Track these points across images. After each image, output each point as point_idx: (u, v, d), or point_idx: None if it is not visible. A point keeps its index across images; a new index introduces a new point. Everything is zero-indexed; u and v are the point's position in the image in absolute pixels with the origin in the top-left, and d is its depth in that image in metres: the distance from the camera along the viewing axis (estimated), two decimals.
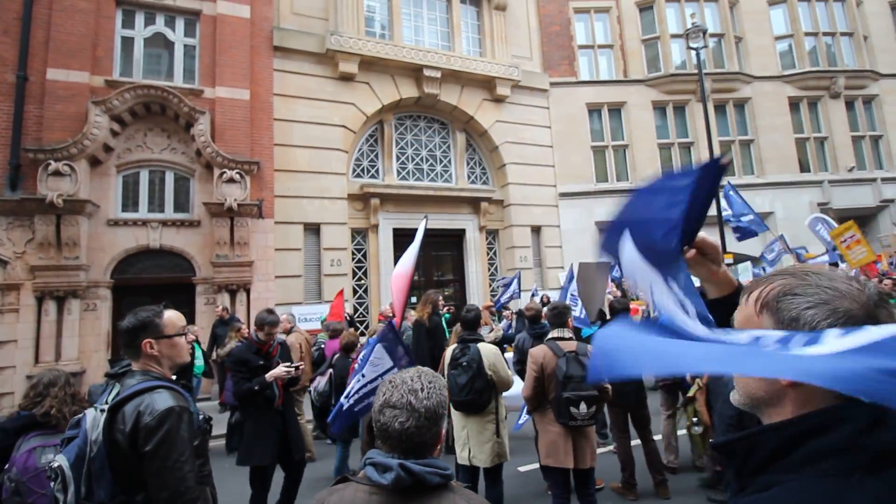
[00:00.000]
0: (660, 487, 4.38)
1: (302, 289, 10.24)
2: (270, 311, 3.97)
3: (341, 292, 8.92)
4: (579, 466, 3.30)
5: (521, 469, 5.24)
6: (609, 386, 3.45)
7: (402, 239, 10.68)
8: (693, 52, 11.59)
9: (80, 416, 1.69)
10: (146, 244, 9.06)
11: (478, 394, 3.58)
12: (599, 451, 5.58)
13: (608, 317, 4.95)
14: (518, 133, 13.03)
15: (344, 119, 11.13)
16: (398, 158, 12.23)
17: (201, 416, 1.88)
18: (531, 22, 13.96)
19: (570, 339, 3.54)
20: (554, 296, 11.57)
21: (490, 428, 3.63)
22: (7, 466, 2.34)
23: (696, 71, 11.98)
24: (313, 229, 10.60)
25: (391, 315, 8.05)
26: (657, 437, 4.94)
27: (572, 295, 6.16)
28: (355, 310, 11.06)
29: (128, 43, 9.54)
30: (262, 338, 3.85)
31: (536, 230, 13.07)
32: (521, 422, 4.72)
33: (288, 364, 3.80)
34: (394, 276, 6.38)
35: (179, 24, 9.95)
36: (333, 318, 7.72)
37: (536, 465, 4.84)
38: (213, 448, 2.55)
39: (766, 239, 11.77)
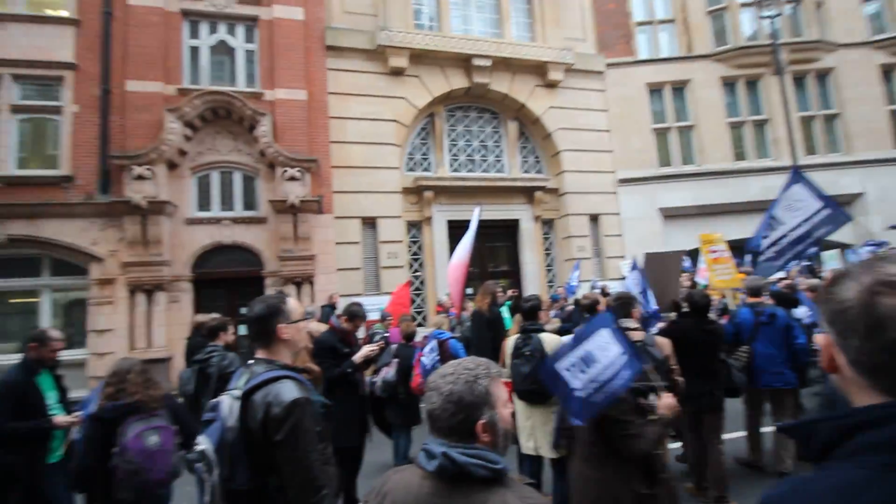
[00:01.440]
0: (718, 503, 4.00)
1: (362, 280, 10.56)
2: (359, 305, 4.22)
3: (408, 283, 9.03)
4: None
5: None
6: (681, 379, 3.30)
7: (456, 231, 10.71)
8: (766, 22, 10.68)
9: (217, 401, 1.75)
10: (220, 240, 9.69)
11: (541, 383, 3.54)
12: (672, 446, 5.40)
13: (685, 308, 4.71)
14: (573, 119, 12.63)
15: (396, 114, 11.28)
16: (450, 150, 12.24)
17: (320, 403, 1.97)
18: (584, 1, 13.42)
19: (636, 329, 3.41)
20: (615, 287, 11.20)
21: (555, 419, 3.58)
22: (120, 450, 2.59)
23: (769, 42, 11.05)
24: (370, 223, 10.88)
25: (449, 306, 8.14)
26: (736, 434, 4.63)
27: (637, 285, 5.91)
28: (412, 301, 11.26)
29: (195, 52, 10.16)
30: (348, 328, 4.05)
31: (594, 219, 12.66)
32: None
33: (370, 345, 4.05)
34: (450, 267, 6.45)
35: (240, 30, 10.47)
36: (396, 308, 7.88)
37: None
38: None
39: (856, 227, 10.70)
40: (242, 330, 8.48)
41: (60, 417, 3.20)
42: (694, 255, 11.78)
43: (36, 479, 3.10)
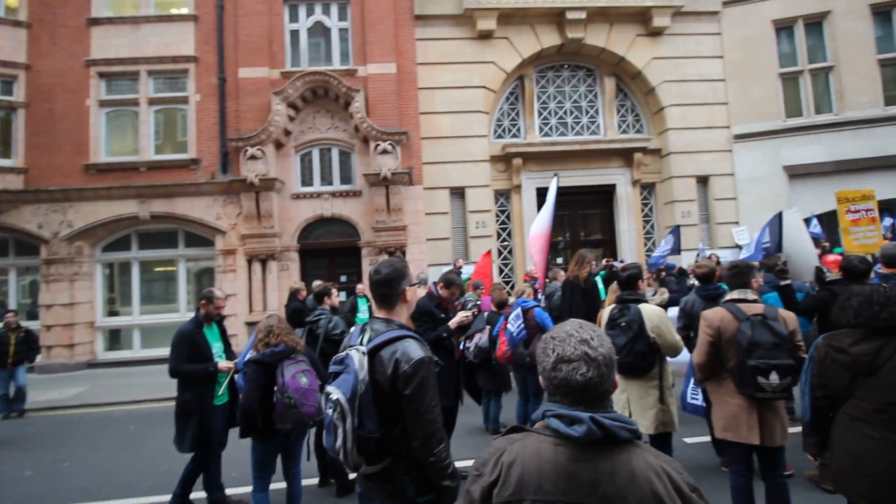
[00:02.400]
0: None
1: (451, 250, 10.73)
2: (458, 274, 4.38)
3: (489, 252, 9.08)
4: (767, 444, 2.88)
5: (688, 440, 4.82)
6: (806, 356, 2.90)
7: (545, 199, 10.37)
8: None
9: (344, 354, 1.87)
10: (321, 213, 10.40)
11: (638, 356, 3.35)
12: (791, 429, 4.87)
13: (832, 276, 4.14)
14: (680, 69, 11.37)
15: (484, 79, 11.02)
16: (540, 114, 11.74)
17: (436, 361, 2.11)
18: None
19: (754, 301, 3.05)
20: (726, 255, 10.14)
21: (653, 394, 3.38)
22: (282, 387, 3.09)
23: None
24: (458, 193, 10.92)
25: (536, 276, 7.99)
26: None
27: (764, 248, 5.23)
28: (500, 270, 11.23)
29: (294, 36, 10.74)
30: (445, 294, 4.19)
31: (703, 181, 11.46)
32: (690, 400, 4.22)
33: (465, 311, 4.19)
34: (531, 238, 6.27)
35: (334, 9, 10.82)
36: (479, 278, 7.94)
37: (705, 438, 4.40)
38: None
39: None
40: (342, 296, 9.10)
41: (223, 363, 3.77)
42: (828, 219, 10.20)
43: (205, 414, 3.67)
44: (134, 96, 10.37)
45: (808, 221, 9.82)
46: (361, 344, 1.87)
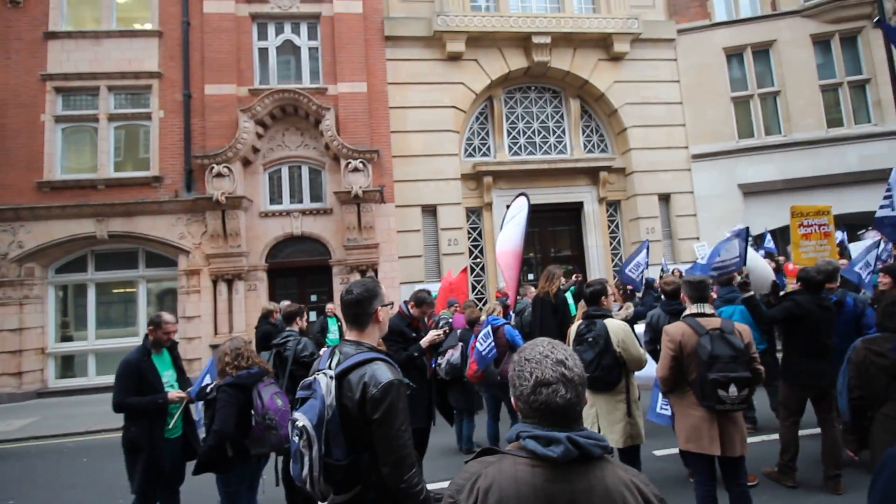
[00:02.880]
0: (831, 481, 3.80)
1: (423, 268, 10.72)
2: (427, 292, 4.36)
3: (465, 269, 9.08)
4: (727, 454, 2.99)
5: (657, 453, 4.92)
6: (762, 368, 3.05)
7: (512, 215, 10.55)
8: None
9: (311, 379, 1.81)
10: (290, 232, 10.23)
11: (605, 371, 3.43)
12: (749, 439, 5.03)
13: (792, 286, 4.40)
14: (640, 92, 11.90)
15: (454, 100, 11.23)
16: (509, 134, 12.01)
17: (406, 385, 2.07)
18: None
19: (711, 315, 3.19)
20: (688, 270, 10.51)
21: (621, 408, 3.46)
22: (261, 409, 3.04)
23: None
24: (430, 211, 10.98)
25: (507, 293, 8.06)
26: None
27: (717, 266, 5.46)
28: (473, 287, 11.29)
29: (263, 53, 10.68)
30: (415, 314, 4.16)
31: (665, 198, 11.93)
32: (658, 410, 4.32)
33: (437, 330, 4.16)
34: (499, 254, 6.34)
35: (304, 28, 10.85)
36: (454, 295, 7.94)
37: (673, 450, 4.50)
38: None
39: None
40: (312, 316, 8.94)
41: (173, 392, 3.51)
42: (782, 234, 10.78)
43: (156, 450, 3.40)
44: (93, 112, 10.04)
45: (762, 237, 10.33)
46: (330, 367, 1.82)
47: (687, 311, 3.29)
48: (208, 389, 3.27)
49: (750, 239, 5.50)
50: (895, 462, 0.68)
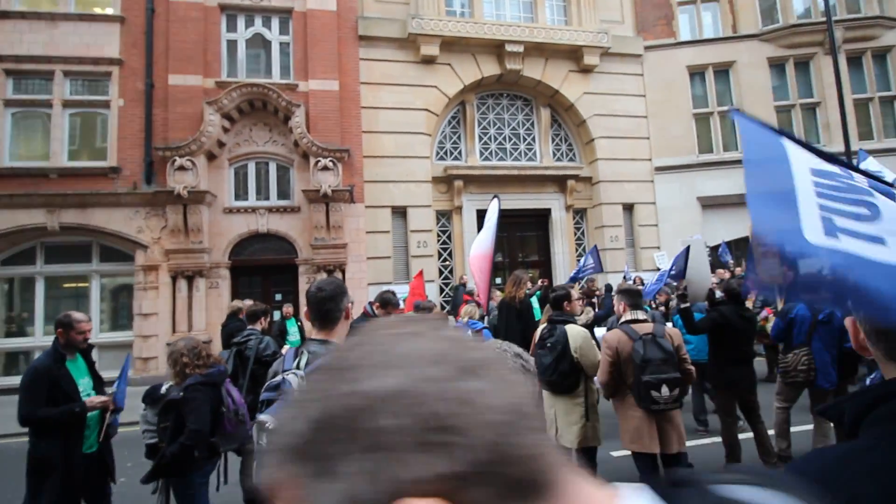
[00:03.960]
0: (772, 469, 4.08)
1: (391, 269, 10.69)
2: (392, 293, 4.35)
3: (420, 273, 9.13)
4: (666, 451, 3.18)
5: (615, 454, 5.07)
6: (692, 368, 3.27)
7: (484, 220, 10.67)
8: None
9: (279, 380, 1.77)
10: (256, 229, 10.00)
11: (562, 375, 3.54)
12: (701, 441, 5.26)
13: (720, 296, 4.78)
14: (608, 105, 12.26)
15: (427, 103, 11.26)
16: (481, 139, 12.14)
17: None
18: None
19: (644, 321, 3.38)
20: (649, 278, 10.89)
21: (578, 411, 3.57)
22: (232, 406, 3.10)
23: (822, 19, 10.35)
24: (400, 212, 10.96)
25: (478, 296, 8.13)
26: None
27: (672, 275, 5.77)
28: (441, 290, 11.33)
29: (232, 45, 10.42)
30: (379, 314, 4.18)
31: (629, 208, 12.32)
32: None
33: None
34: (472, 258, 6.41)
35: (275, 23, 10.65)
36: (416, 298, 7.95)
37: (629, 451, 4.67)
38: None
39: None
40: (275, 315, 8.75)
41: (95, 398, 3.19)
42: (737, 246, 11.33)
43: (73, 468, 3.03)
44: (47, 97, 9.54)
45: (718, 247, 10.83)
46: (298, 367, 1.80)
47: (623, 318, 3.45)
48: (163, 391, 3.16)
49: (707, 249, 5.80)
50: (796, 475, 0.75)
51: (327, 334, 1.94)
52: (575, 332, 3.61)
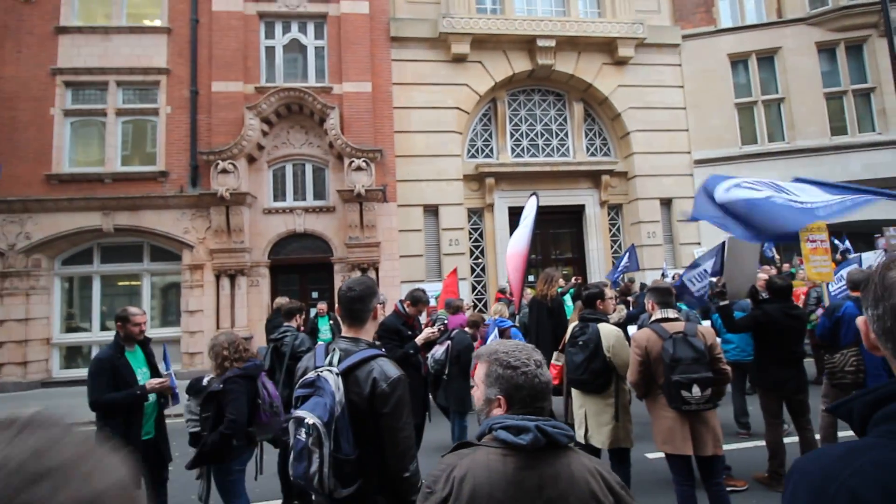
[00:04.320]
0: None
1: (424, 267, 10.81)
2: (422, 291, 4.50)
3: (455, 270, 9.21)
4: (700, 453, 3.09)
5: (649, 456, 4.98)
6: (728, 368, 3.15)
7: (517, 218, 10.55)
8: None
9: (314, 377, 1.81)
10: (293, 229, 10.34)
11: (594, 374, 3.50)
12: (742, 444, 5.08)
13: (764, 295, 4.56)
14: (644, 97, 11.93)
15: (458, 101, 11.30)
16: (512, 136, 12.07)
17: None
18: None
19: (675, 319, 3.29)
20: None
21: (609, 411, 3.52)
22: (268, 397, 3.24)
23: (875, 0, 9.72)
24: (432, 211, 11.06)
25: (510, 293, 8.14)
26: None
27: (704, 271, 5.60)
28: (473, 288, 11.36)
29: (270, 51, 10.79)
30: (411, 312, 4.26)
31: (667, 203, 11.96)
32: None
33: (431, 328, 4.27)
34: (508, 256, 6.42)
35: (310, 28, 10.94)
36: (449, 296, 8.02)
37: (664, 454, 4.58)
38: None
39: None
40: (311, 312, 9.01)
41: (152, 381, 3.43)
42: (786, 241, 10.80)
43: (133, 449, 3.35)
44: (101, 106, 10.17)
45: (763, 242, 10.37)
46: (332, 364, 1.84)
47: (653, 317, 3.38)
48: (205, 382, 3.35)
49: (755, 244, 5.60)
50: (799, 473, 0.74)
51: (357, 332, 2.00)
52: (608, 331, 3.58)
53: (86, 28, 10.26)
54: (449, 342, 4.98)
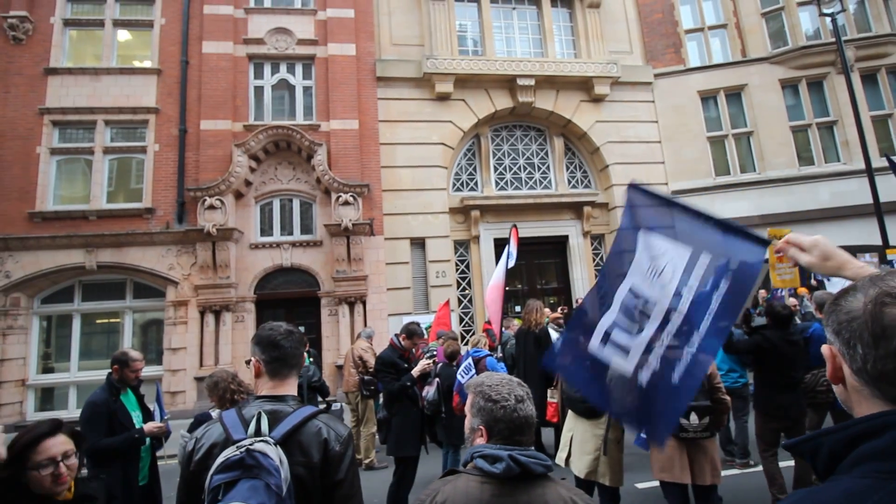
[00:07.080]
0: None
1: (411, 300, 10.83)
2: (417, 324, 4.54)
3: (447, 302, 9.26)
4: (697, 482, 3.10)
5: (639, 486, 4.98)
6: (727, 398, 3.20)
7: (503, 249, 10.75)
8: (828, 19, 10.11)
9: (239, 455, 1.37)
10: (280, 263, 10.34)
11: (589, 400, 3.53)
12: (732, 472, 5.11)
13: (758, 321, 4.66)
14: (621, 131, 12.44)
15: (442, 137, 11.63)
16: (496, 169, 12.40)
17: None
18: (629, 14, 13.31)
19: None
20: None
21: (595, 441, 3.50)
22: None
23: (832, 40, 10.44)
24: (419, 243, 11.18)
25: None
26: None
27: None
28: (461, 319, 11.38)
29: (259, 91, 11.06)
30: (406, 345, 4.29)
31: None
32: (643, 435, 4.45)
33: (426, 359, 4.31)
34: (488, 289, 6.53)
35: (298, 68, 11.29)
36: (441, 327, 8.05)
37: (655, 483, 4.58)
38: None
39: None
40: None
41: (150, 424, 3.35)
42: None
43: (131, 498, 3.14)
44: (89, 145, 10.23)
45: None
46: (260, 433, 1.44)
47: None
48: (214, 416, 3.31)
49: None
50: None
51: (281, 388, 1.65)
52: None
53: (76, 69, 10.44)
54: (437, 380, 4.99)
